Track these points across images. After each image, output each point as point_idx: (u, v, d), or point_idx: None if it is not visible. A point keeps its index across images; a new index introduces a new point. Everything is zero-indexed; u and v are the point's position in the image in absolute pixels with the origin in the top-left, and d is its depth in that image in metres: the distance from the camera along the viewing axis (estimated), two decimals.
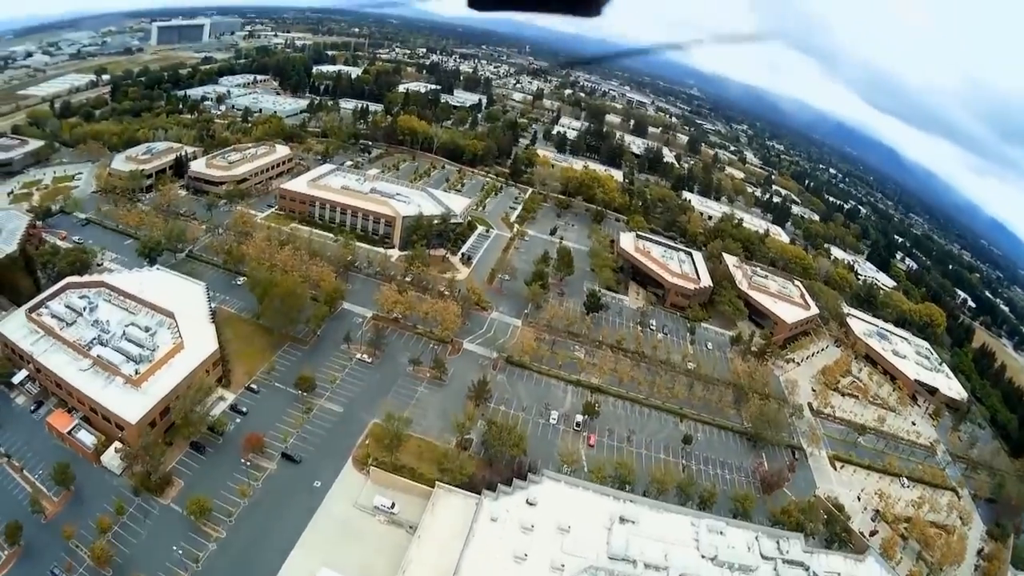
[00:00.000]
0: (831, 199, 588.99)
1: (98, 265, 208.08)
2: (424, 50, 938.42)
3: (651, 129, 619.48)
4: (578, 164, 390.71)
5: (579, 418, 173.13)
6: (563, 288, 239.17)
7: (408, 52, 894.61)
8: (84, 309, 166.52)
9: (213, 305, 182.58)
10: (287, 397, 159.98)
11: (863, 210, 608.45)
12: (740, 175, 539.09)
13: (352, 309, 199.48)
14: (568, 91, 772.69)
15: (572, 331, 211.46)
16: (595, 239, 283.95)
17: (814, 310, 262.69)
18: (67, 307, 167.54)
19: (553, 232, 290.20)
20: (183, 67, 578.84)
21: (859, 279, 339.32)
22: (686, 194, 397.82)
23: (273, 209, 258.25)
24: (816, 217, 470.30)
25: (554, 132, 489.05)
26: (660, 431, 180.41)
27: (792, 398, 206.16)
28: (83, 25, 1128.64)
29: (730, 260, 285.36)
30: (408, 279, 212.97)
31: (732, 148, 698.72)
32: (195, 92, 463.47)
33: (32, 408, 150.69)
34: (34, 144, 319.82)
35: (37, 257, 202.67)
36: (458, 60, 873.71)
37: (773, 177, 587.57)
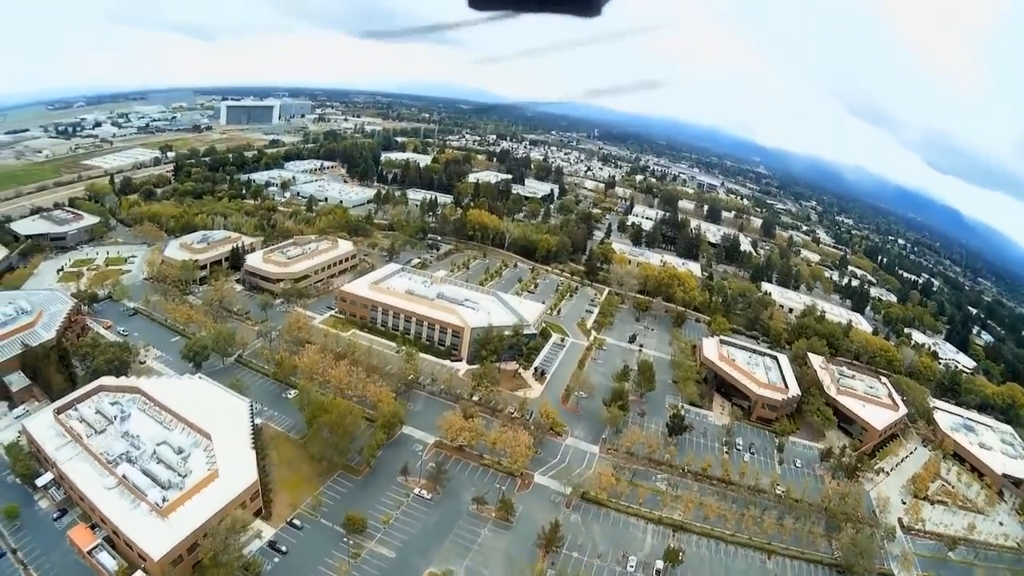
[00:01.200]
0: (904, 274, 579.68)
1: (140, 363, 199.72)
2: (494, 136, 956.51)
3: (724, 214, 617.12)
4: (655, 257, 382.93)
5: (659, 565, 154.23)
6: (643, 406, 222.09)
7: (478, 139, 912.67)
8: (115, 418, 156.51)
9: (259, 421, 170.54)
10: (333, 536, 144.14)
11: (935, 282, 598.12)
12: (815, 258, 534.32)
13: (412, 434, 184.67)
14: (639, 177, 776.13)
15: (654, 458, 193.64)
16: (676, 346, 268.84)
17: (902, 410, 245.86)
18: (98, 412, 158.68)
19: (632, 340, 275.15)
20: (249, 149, 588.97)
21: (940, 363, 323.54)
22: (765, 285, 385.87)
23: (332, 312, 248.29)
24: (893, 298, 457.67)
25: (628, 223, 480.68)
26: (747, 572, 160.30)
27: (883, 517, 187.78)
28: (154, 99, 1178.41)
29: (816, 361, 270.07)
30: (476, 398, 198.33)
31: (804, 228, 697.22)
32: (260, 177, 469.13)
33: (55, 516, 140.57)
34: (89, 220, 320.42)
35: (76, 349, 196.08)
36: (528, 147, 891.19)
37: (848, 257, 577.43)
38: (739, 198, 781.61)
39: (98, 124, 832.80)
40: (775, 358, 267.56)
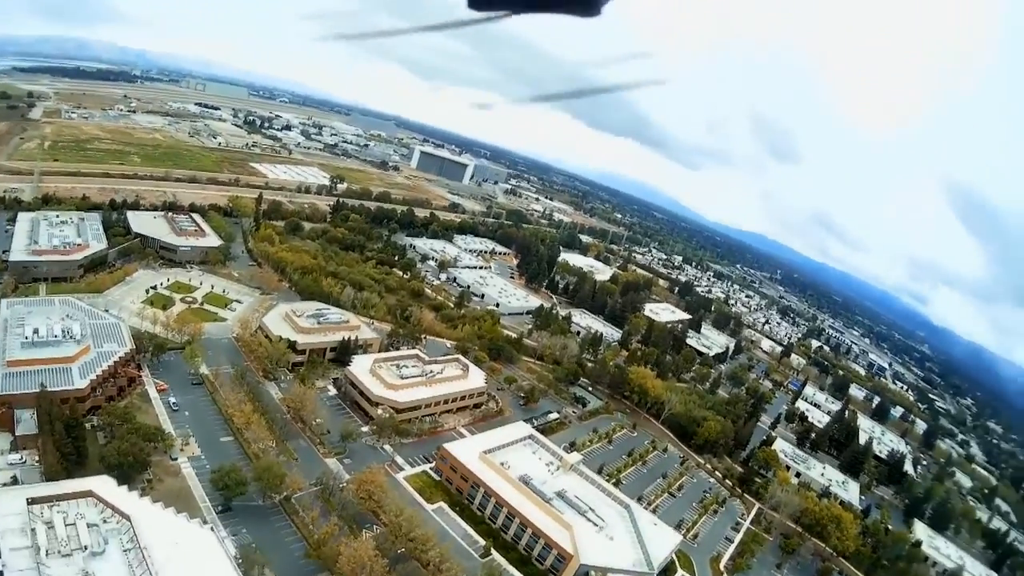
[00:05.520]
0: None
1: (172, 459, 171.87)
2: (680, 258, 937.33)
3: (892, 410, 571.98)
4: (817, 468, 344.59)
5: None
6: None
7: (664, 257, 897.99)
8: (86, 548, 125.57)
9: None
10: None
11: None
12: (968, 483, 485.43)
13: None
14: (815, 343, 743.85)
15: None
16: None
17: None
18: (71, 526, 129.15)
19: None
20: (426, 206, 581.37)
21: None
22: (918, 527, 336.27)
23: (427, 468, 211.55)
24: None
25: (797, 410, 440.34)
26: None
27: None
28: (357, 119, 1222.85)
29: None
30: None
31: (960, 437, 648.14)
32: (422, 246, 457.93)
33: None
34: (210, 241, 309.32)
35: (103, 411, 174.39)
36: (712, 279, 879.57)
37: (998, 487, 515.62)
38: (904, 389, 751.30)
39: (288, 128, 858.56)
40: None
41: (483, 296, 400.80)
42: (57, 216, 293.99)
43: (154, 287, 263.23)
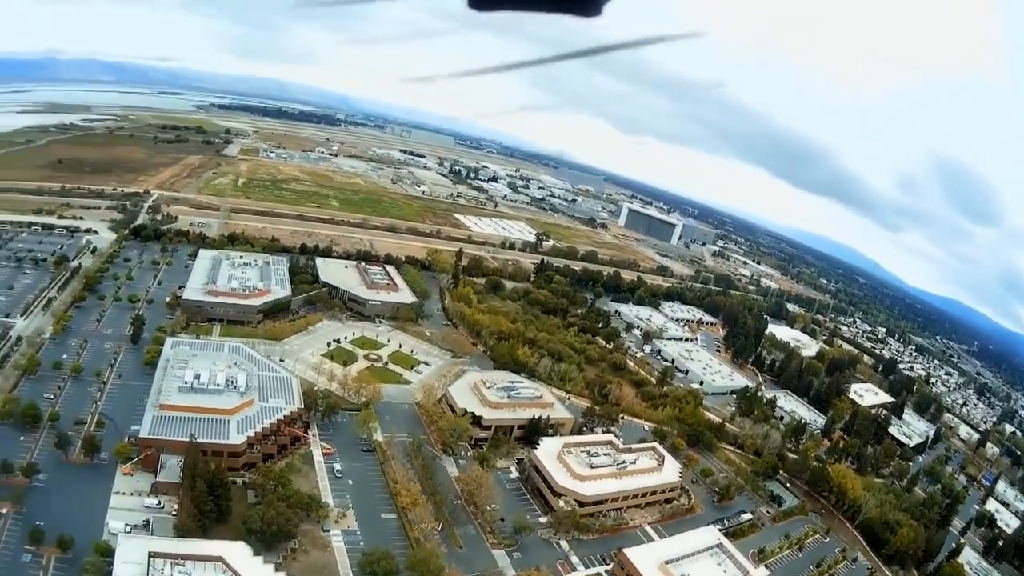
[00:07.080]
0: None
1: (324, 530, 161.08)
2: (884, 330, 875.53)
3: None
4: None
5: None
6: None
7: (869, 329, 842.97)
8: None
9: None
10: None
11: None
12: None
13: None
14: (1009, 428, 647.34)
15: None
16: None
17: None
18: None
19: None
20: (634, 268, 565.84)
21: None
22: None
23: (602, 570, 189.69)
24: None
25: (987, 513, 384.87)
26: None
27: None
28: (564, 173, 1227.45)
29: None
30: None
31: None
32: (627, 313, 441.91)
33: None
34: (403, 297, 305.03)
35: (257, 470, 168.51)
36: (913, 354, 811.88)
37: None
38: None
39: (494, 179, 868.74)
40: None
41: (687, 372, 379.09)
42: (241, 257, 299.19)
43: (337, 340, 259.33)
